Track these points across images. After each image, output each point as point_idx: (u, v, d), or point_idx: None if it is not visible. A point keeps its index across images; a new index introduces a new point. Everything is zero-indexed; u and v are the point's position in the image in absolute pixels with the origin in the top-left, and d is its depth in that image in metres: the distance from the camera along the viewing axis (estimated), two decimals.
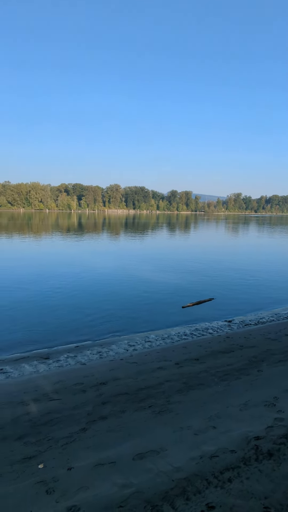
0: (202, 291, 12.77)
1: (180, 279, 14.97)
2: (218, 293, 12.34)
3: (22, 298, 11.52)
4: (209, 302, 11.13)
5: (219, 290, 12.98)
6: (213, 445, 3.51)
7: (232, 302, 11.46)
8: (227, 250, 28.24)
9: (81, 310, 10.34)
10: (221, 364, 6.03)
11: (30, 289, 12.68)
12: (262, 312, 10.48)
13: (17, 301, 11.09)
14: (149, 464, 3.26)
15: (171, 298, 11.86)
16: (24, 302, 11.06)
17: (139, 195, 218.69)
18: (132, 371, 5.85)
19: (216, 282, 14.48)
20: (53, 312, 10.17)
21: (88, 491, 2.92)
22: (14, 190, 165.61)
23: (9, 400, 4.90)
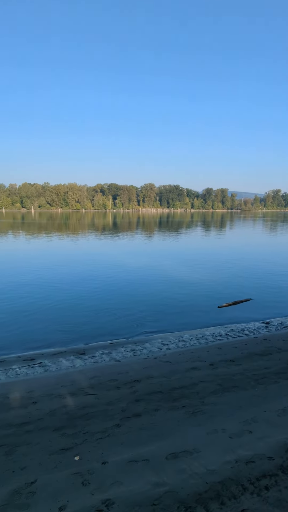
0: (238, 291, 12.43)
1: (215, 279, 14.68)
2: (255, 294, 11.94)
3: (60, 296, 11.94)
4: (245, 302, 10.80)
5: (256, 290, 12.56)
6: (249, 450, 3.41)
7: (269, 303, 11.04)
8: (264, 249, 27.22)
9: (116, 309, 10.50)
10: (258, 367, 5.83)
11: (68, 288, 13.11)
12: None
13: (55, 299, 11.52)
14: (182, 465, 3.24)
15: (206, 298, 11.68)
16: (62, 300, 11.46)
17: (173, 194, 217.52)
18: (166, 370, 5.85)
19: (253, 282, 14.03)
20: (89, 309, 10.43)
21: (122, 486, 2.96)
22: (52, 191, 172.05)
23: (48, 392, 5.11)
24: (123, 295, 12.02)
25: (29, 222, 67.12)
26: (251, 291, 12.37)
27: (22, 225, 57.53)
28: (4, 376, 6.02)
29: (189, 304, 10.99)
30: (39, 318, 9.63)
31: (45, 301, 11.24)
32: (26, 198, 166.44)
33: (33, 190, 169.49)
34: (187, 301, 11.27)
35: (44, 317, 9.71)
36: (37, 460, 3.46)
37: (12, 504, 2.84)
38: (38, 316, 9.74)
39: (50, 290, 12.65)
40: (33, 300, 11.30)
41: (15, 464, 3.39)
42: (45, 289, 12.70)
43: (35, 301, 11.24)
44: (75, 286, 13.34)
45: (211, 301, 11.17)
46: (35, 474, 3.22)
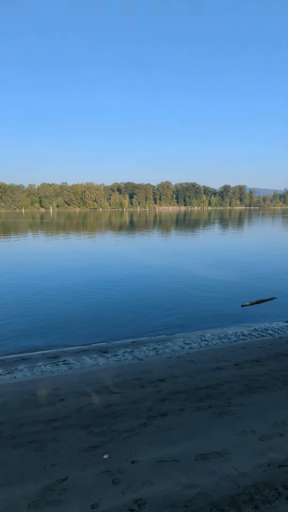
0: (260, 290, 12.19)
1: (237, 277, 14.45)
2: (279, 292, 11.67)
3: (80, 295, 12.08)
4: (269, 301, 10.58)
5: (279, 289, 12.28)
6: (281, 454, 3.33)
7: (281, 302, 10.75)
8: (283, 246, 26.57)
9: (136, 307, 10.52)
10: (285, 367, 5.69)
11: (89, 287, 13.24)
12: None
13: (76, 298, 11.67)
14: (213, 466, 3.20)
15: (227, 296, 11.52)
16: (82, 298, 11.59)
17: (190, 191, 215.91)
18: (190, 370, 5.80)
19: (275, 281, 13.72)
20: (110, 308, 10.50)
21: (153, 486, 2.96)
22: (70, 191, 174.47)
23: (73, 390, 5.17)
24: (143, 294, 12.02)
25: (48, 222, 68.31)
26: (273, 289, 12.10)
27: (41, 225, 58.63)
28: (30, 373, 6.14)
29: (211, 302, 10.87)
30: (61, 316, 9.77)
31: (66, 299, 11.40)
32: (45, 198, 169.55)
33: (51, 190, 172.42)
34: (208, 300, 11.15)
35: (65, 315, 9.85)
36: (67, 457, 3.50)
37: (45, 500, 2.88)
38: (60, 315, 9.89)
39: (71, 289, 12.82)
40: (54, 299, 11.48)
41: (45, 461, 3.45)
42: (66, 288, 12.88)
43: (56, 299, 11.43)
44: (95, 285, 13.46)
45: (233, 300, 11.00)
46: (65, 471, 3.26)
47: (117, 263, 18.36)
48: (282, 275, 14.86)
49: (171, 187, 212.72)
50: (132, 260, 19.38)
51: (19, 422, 4.29)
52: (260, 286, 12.84)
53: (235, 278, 14.23)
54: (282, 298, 11.02)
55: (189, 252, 23.02)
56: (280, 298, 10.96)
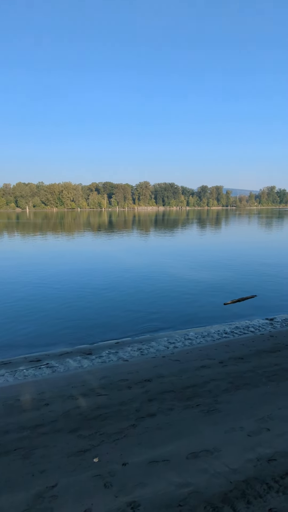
0: (241, 288, 12.46)
1: (218, 277, 14.69)
2: (256, 291, 11.96)
3: (61, 296, 11.87)
4: (250, 299, 10.83)
5: (257, 287, 12.59)
6: (269, 448, 3.40)
7: (271, 300, 11.07)
8: (262, 245, 27.31)
9: (119, 308, 10.46)
10: (268, 363, 5.84)
11: (69, 288, 13.04)
12: None
13: (56, 300, 11.45)
14: (204, 464, 3.22)
15: (209, 296, 11.68)
16: (63, 300, 11.39)
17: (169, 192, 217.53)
18: (176, 369, 5.83)
19: (253, 279, 14.06)
20: (92, 309, 10.38)
21: (146, 488, 2.94)
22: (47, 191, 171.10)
23: (59, 393, 5.06)
24: (125, 294, 11.98)
25: (24, 222, 66.69)
26: (251, 287, 12.40)
27: (17, 225, 57.15)
28: (12, 378, 5.96)
29: (193, 302, 10.98)
30: (42, 318, 9.56)
31: (46, 301, 11.17)
32: (21, 197, 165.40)
33: (27, 190, 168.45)
34: (190, 299, 11.26)
35: (46, 317, 9.64)
36: (56, 462, 3.42)
37: (36, 508, 2.79)
38: (40, 317, 9.68)
39: (50, 290, 12.57)
40: (34, 301, 11.22)
41: (34, 467, 3.35)
42: (45, 290, 12.62)
43: (36, 301, 11.17)
44: (76, 286, 13.27)
45: (215, 299, 11.18)
46: (55, 477, 3.18)
47: (97, 265, 18.20)
48: (262, 273, 15.25)
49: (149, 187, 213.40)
50: (113, 261, 19.28)
51: (3, 429, 4.15)
52: (241, 285, 13.12)
53: (216, 278, 14.46)
54: (262, 296, 11.31)
55: (169, 252, 23.17)
56: (260, 296, 11.24)
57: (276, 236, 36.04)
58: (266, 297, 11.28)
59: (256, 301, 10.77)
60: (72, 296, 11.79)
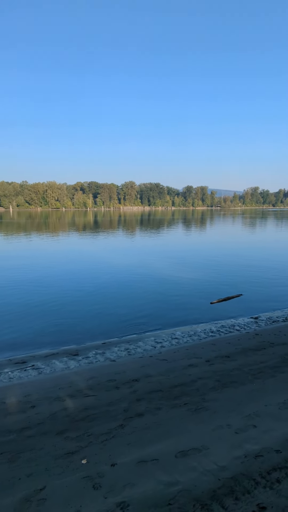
0: (224, 287, 12.62)
1: (204, 276, 14.83)
2: (241, 290, 12.15)
3: (45, 296, 11.71)
4: (236, 298, 11.00)
5: (242, 286, 12.79)
6: (256, 444, 3.46)
7: (256, 299, 11.26)
8: (246, 246, 27.76)
9: (104, 308, 10.41)
10: (253, 361, 5.93)
11: (54, 288, 12.88)
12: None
13: (40, 299, 11.29)
14: (193, 462, 3.25)
15: (196, 295, 11.78)
16: (48, 300, 11.24)
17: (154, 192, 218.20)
18: (163, 368, 5.85)
19: (237, 279, 14.27)
20: (77, 309, 10.29)
21: (135, 488, 2.93)
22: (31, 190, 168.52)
23: (46, 395, 4.99)
24: (111, 294, 11.93)
25: (8, 222, 65.44)
26: (236, 287, 12.58)
27: (0, 225, 56.01)
28: None
29: (179, 301, 11.04)
30: (27, 319, 9.40)
31: (31, 302, 10.98)
32: (4, 197, 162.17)
33: (10, 189, 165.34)
34: (177, 299, 11.32)
35: (31, 318, 9.49)
36: (43, 465, 3.36)
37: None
38: (25, 318, 9.51)
39: (35, 291, 12.38)
40: (18, 302, 11.02)
41: (20, 471, 3.29)
42: (29, 291, 12.42)
43: (20, 302, 10.97)
44: (61, 286, 13.11)
45: (201, 298, 11.28)
46: (43, 480, 3.14)
47: (83, 265, 18.05)
48: (247, 273, 15.50)
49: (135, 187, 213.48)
50: (99, 261, 19.16)
51: None
52: (226, 284, 13.28)
53: (202, 277, 14.59)
54: (248, 295, 11.49)
55: (155, 252, 23.23)
56: (246, 295, 11.43)
57: (260, 237, 36.70)
58: (251, 296, 11.47)
59: (242, 300, 10.93)
60: (57, 297, 11.64)
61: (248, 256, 20.90)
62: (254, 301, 10.91)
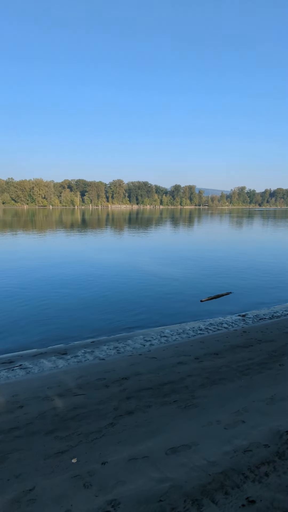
0: (211, 286, 12.74)
1: (190, 274, 14.94)
2: (229, 288, 12.29)
3: (32, 295, 11.57)
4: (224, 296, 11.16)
5: (229, 284, 12.94)
6: (245, 440, 3.51)
7: (242, 297, 11.41)
8: (234, 245, 28.10)
9: (93, 306, 10.36)
10: (241, 358, 6.02)
11: (41, 287, 12.73)
12: (275, 306, 10.44)
13: (28, 298, 11.14)
14: (183, 459, 3.27)
15: (185, 293, 11.85)
16: (35, 299, 11.11)
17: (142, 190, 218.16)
18: (153, 366, 5.86)
19: (225, 277, 14.44)
20: (65, 308, 10.21)
21: (126, 485, 2.93)
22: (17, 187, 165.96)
23: (34, 395, 4.93)
24: (100, 293, 11.88)
25: None
26: (223, 285, 12.72)
27: None
28: None
29: (169, 299, 11.09)
30: (14, 318, 9.26)
31: (18, 301, 10.83)
32: None
33: None
34: (166, 297, 11.36)
35: (18, 317, 9.35)
36: (32, 466, 3.33)
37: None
38: (12, 317, 9.37)
39: (21, 290, 12.21)
40: (5, 300, 10.85)
41: (9, 472, 3.24)
42: (16, 290, 12.24)
43: (7, 301, 10.80)
44: (48, 285, 12.97)
45: (190, 296, 11.35)
46: (32, 480, 3.10)
47: (71, 264, 17.90)
48: (235, 271, 15.68)
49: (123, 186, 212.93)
50: (86, 260, 19.04)
51: None
52: (216, 282, 13.42)
53: (191, 275, 14.70)
54: (236, 293, 11.64)
55: (144, 251, 23.25)
56: (235, 293, 11.57)
57: (247, 236, 37.20)
58: (239, 294, 11.62)
59: (231, 298, 11.07)
60: (45, 295, 11.51)
61: (236, 255, 21.16)
62: (243, 299, 11.07)
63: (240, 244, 28.00)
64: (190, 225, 52.56)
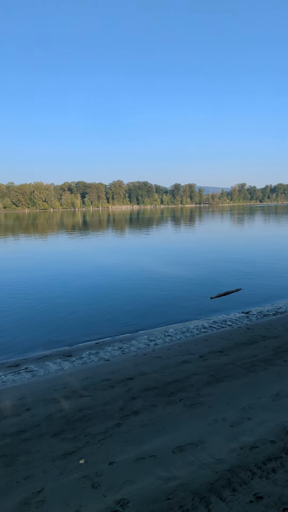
0: (211, 283, 12.74)
1: (196, 272, 14.93)
2: (232, 285, 12.28)
3: (36, 298, 11.62)
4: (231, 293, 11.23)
5: (231, 281, 12.93)
6: (251, 436, 3.52)
7: (244, 293, 11.40)
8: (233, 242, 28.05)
9: (97, 308, 10.39)
10: (246, 355, 6.02)
11: (45, 289, 12.78)
12: (279, 302, 10.42)
13: (32, 302, 11.19)
14: (190, 457, 3.28)
15: (184, 291, 11.85)
16: (40, 301, 11.16)
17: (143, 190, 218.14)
18: (158, 366, 5.88)
19: (226, 274, 14.43)
20: (69, 310, 10.24)
21: (134, 485, 2.95)
22: (18, 191, 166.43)
23: (40, 398, 4.96)
24: (103, 294, 11.91)
25: None
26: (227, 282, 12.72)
27: None
28: None
29: (175, 298, 11.10)
30: (18, 322, 9.31)
31: (21, 304, 10.88)
32: None
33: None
34: (169, 296, 11.38)
35: (23, 321, 9.40)
36: (41, 468, 3.35)
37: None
38: (16, 320, 9.42)
39: (25, 292, 12.26)
40: (8, 305, 10.90)
41: (18, 474, 3.27)
42: (20, 292, 12.29)
43: (10, 305, 10.85)
44: (52, 287, 13.02)
45: (194, 295, 11.36)
46: (41, 482, 3.13)
47: (74, 265, 17.95)
48: (244, 267, 15.67)
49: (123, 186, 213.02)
50: (89, 261, 19.09)
51: None
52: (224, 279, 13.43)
53: (197, 273, 14.70)
54: (246, 290, 11.68)
55: (148, 250, 23.27)
56: (244, 290, 11.63)
57: (251, 232, 37.12)
58: (250, 291, 11.64)
59: (239, 295, 11.10)
60: (48, 298, 11.56)
61: (242, 251, 21.13)
62: (241, 296, 11.06)
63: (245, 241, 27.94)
64: (192, 224, 52.51)
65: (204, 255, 19.77)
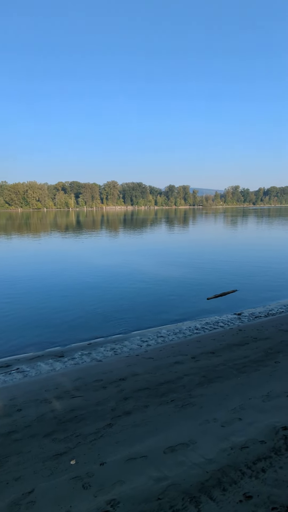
0: (204, 285, 12.81)
1: (189, 274, 14.99)
2: (224, 287, 12.37)
3: (28, 298, 11.54)
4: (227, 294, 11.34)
5: (224, 283, 13.02)
6: (241, 436, 3.55)
7: (238, 295, 11.49)
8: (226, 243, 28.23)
9: (89, 308, 10.36)
10: (238, 356, 6.07)
11: (37, 289, 12.71)
12: (270, 304, 10.53)
13: (24, 302, 11.12)
14: (181, 457, 3.30)
15: (177, 293, 11.90)
16: (31, 301, 11.09)
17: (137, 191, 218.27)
18: (150, 366, 5.89)
19: (220, 275, 14.52)
20: (62, 310, 10.20)
21: (125, 485, 2.96)
22: (11, 190, 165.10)
23: (32, 398, 4.93)
24: (96, 295, 11.88)
25: None
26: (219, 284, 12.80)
27: None
28: None
29: (165, 300, 11.13)
30: (10, 322, 9.24)
31: (13, 304, 10.80)
32: None
33: None
34: (162, 297, 11.40)
35: (14, 321, 9.33)
36: (31, 468, 3.34)
37: None
38: (8, 320, 9.35)
39: (17, 292, 12.18)
40: (0, 304, 10.80)
41: (8, 475, 3.25)
42: (11, 293, 12.20)
43: (2, 304, 10.76)
44: (44, 288, 12.95)
45: (187, 296, 11.40)
46: (31, 483, 3.11)
47: (66, 266, 17.88)
48: (239, 269, 15.77)
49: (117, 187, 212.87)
50: (82, 261, 19.03)
51: None
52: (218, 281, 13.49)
53: (191, 275, 14.75)
54: (240, 291, 11.77)
55: (139, 251, 23.28)
56: (240, 291, 11.73)
57: (245, 235, 37.38)
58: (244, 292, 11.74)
59: (234, 296, 11.17)
60: (40, 298, 11.50)
61: (233, 253, 21.27)
62: (233, 298, 11.14)
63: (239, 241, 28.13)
64: (186, 225, 52.69)
65: (196, 257, 19.86)
